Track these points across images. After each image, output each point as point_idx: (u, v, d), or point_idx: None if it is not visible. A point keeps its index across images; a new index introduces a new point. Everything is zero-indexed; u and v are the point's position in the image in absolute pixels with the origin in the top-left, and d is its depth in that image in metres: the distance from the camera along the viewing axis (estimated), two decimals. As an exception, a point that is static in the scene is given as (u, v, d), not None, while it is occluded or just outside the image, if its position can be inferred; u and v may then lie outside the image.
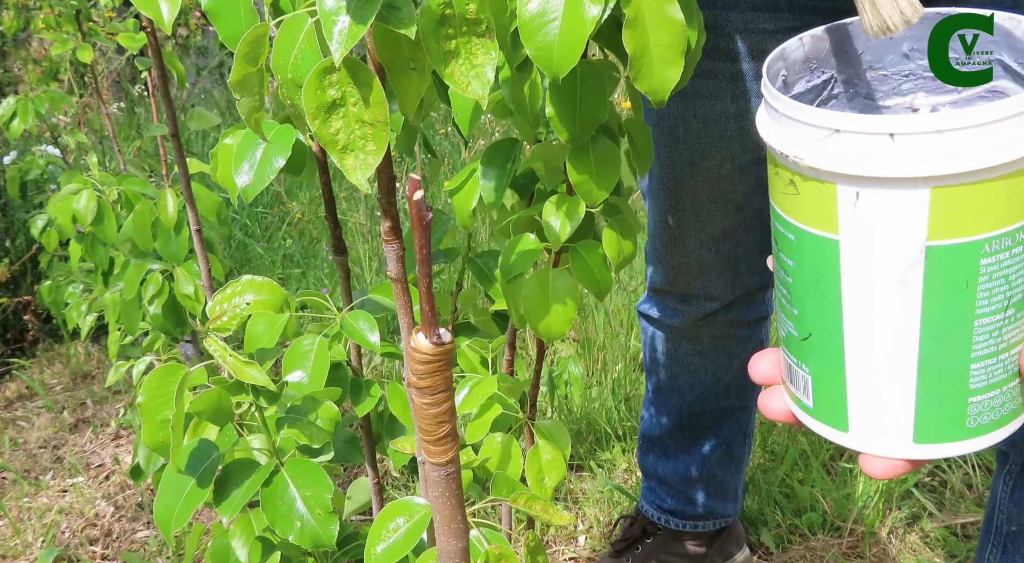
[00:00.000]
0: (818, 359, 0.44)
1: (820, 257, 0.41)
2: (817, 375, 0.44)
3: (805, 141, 0.39)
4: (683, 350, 1.29)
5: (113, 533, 1.70)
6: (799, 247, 0.42)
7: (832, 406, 0.44)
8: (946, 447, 0.43)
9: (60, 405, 2.16)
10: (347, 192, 2.93)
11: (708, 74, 1.01)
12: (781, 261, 0.44)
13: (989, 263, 0.39)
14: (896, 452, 0.43)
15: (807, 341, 0.44)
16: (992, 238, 0.38)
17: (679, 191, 1.12)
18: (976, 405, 0.42)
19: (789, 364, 0.46)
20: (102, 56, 3.57)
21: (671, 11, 0.55)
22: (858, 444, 0.44)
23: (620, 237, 0.71)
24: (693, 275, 1.19)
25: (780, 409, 0.48)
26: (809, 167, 0.39)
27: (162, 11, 0.57)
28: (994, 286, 0.39)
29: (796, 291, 0.43)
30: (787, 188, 0.41)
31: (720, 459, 1.37)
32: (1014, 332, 0.41)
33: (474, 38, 0.47)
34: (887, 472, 0.44)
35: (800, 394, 0.46)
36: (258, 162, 0.70)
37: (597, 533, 1.59)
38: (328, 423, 0.77)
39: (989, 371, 0.41)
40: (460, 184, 0.76)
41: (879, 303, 0.40)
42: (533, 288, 0.70)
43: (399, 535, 0.59)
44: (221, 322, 0.67)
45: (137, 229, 1.30)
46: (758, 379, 0.50)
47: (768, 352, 0.50)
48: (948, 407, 0.42)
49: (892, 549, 1.52)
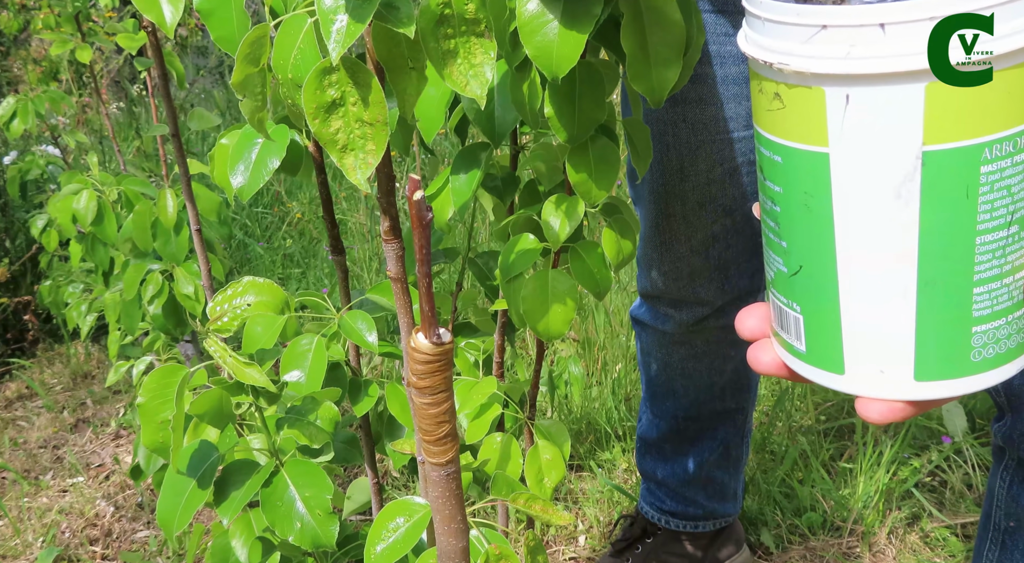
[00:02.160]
0: (810, 294, 0.41)
1: (809, 176, 0.39)
2: (809, 313, 0.42)
3: (789, 44, 0.37)
4: (677, 355, 1.29)
5: (113, 533, 1.70)
6: (786, 169, 0.40)
7: (826, 347, 0.41)
8: (949, 385, 0.40)
9: (60, 405, 2.16)
10: (347, 192, 2.93)
11: (697, 78, 1.01)
12: (767, 191, 0.42)
13: (990, 171, 0.36)
14: (896, 392, 0.40)
15: (797, 276, 0.41)
16: (992, 142, 0.36)
17: (669, 196, 1.12)
18: (980, 335, 0.39)
19: (779, 307, 0.43)
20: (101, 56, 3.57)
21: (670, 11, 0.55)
22: (855, 386, 0.41)
23: (619, 237, 0.71)
24: (684, 280, 1.19)
25: (771, 361, 0.45)
26: (795, 72, 0.37)
27: (164, 13, 0.57)
28: (996, 198, 0.37)
29: (784, 220, 0.41)
30: (772, 104, 0.39)
31: (718, 461, 1.37)
32: (1019, 253, 0.39)
33: (473, 38, 0.47)
34: (886, 416, 0.41)
35: (792, 339, 0.43)
36: (253, 162, 0.70)
37: (597, 533, 1.59)
38: (328, 423, 0.77)
39: (993, 296, 0.39)
40: (437, 190, 0.76)
41: (874, 222, 0.38)
42: (532, 288, 0.70)
43: (399, 535, 0.59)
44: (222, 323, 0.67)
45: (137, 229, 1.30)
46: (746, 334, 0.47)
47: (757, 306, 0.47)
48: (950, 338, 0.39)
49: (892, 549, 1.52)
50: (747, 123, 1.06)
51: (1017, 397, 0.93)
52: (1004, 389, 0.94)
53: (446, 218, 0.76)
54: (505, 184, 0.76)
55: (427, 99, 0.68)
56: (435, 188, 0.76)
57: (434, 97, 0.68)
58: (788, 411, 1.84)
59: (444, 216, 0.75)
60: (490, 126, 0.67)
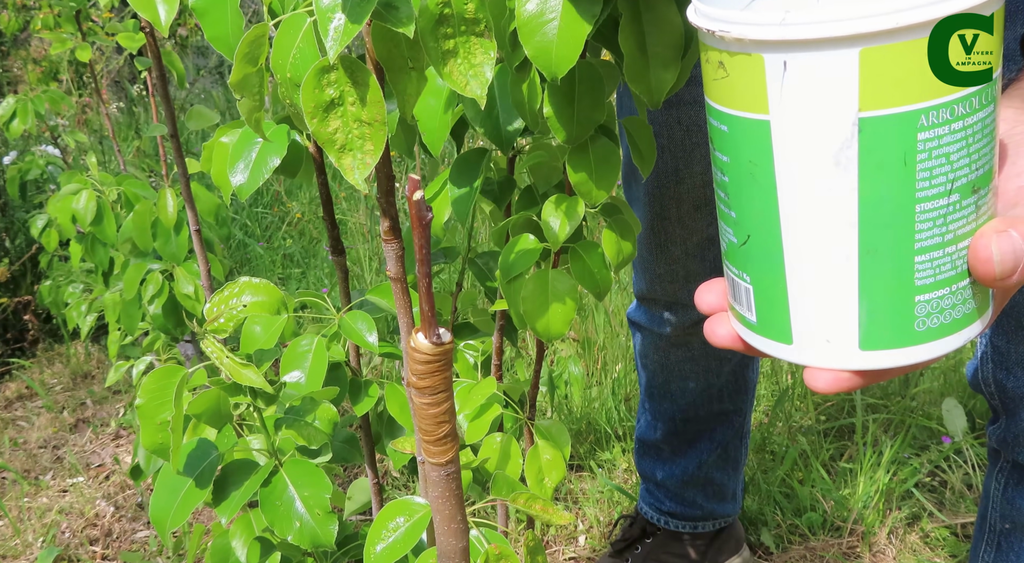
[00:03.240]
0: (758, 264, 0.41)
1: (753, 144, 0.39)
2: (758, 283, 0.42)
3: (729, 12, 0.37)
4: (674, 357, 1.29)
5: (113, 533, 1.70)
6: (732, 137, 0.40)
7: (774, 317, 0.42)
8: (894, 354, 0.40)
9: (60, 405, 2.16)
10: (347, 192, 2.93)
11: (692, 80, 1.01)
12: (717, 161, 0.42)
13: (927, 138, 0.36)
14: (841, 362, 0.41)
15: (746, 246, 0.41)
16: (928, 109, 0.36)
17: (664, 199, 1.12)
18: (924, 305, 0.39)
19: (732, 278, 0.44)
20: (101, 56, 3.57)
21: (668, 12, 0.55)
22: (802, 356, 0.41)
23: (620, 238, 0.71)
24: (680, 283, 1.19)
25: (726, 334, 0.45)
26: (735, 39, 0.37)
27: (159, 13, 0.57)
28: (934, 165, 0.37)
29: (732, 190, 0.41)
30: (717, 73, 0.39)
31: (716, 462, 1.37)
32: (960, 222, 0.39)
33: (472, 37, 0.47)
34: (832, 385, 0.41)
35: (744, 310, 0.43)
36: (253, 162, 0.70)
37: (597, 533, 1.59)
38: (326, 424, 0.77)
39: (936, 265, 0.39)
40: (434, 194, 0.76)
41: (814, 190, 0.38)
42: (532, 288, 0.70)
43: (399, 535, 0.59)
44: (218, 324, 0.67)
45: (137, 229, 1.30)
46: (704, 308, 0.47)
47: (715, 281, 0.47)
48: (894, 307, 0.39)
49: (892, 549, 1.52)
50: None
51: (1011, 400, 0.93)
52: (999, 392, 0.94)
53: (443, 220, 0.75)
54: (502, 188, 0.76)
55: (428, 109, 0.68)
56: (433, 191, 0.76)
57: (435, 107, 0.68)
58: (788, 411, 1.84)
59: (441, 218, 0.75)
60: (496, 132, 0.67)
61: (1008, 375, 0.91)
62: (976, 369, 0.96)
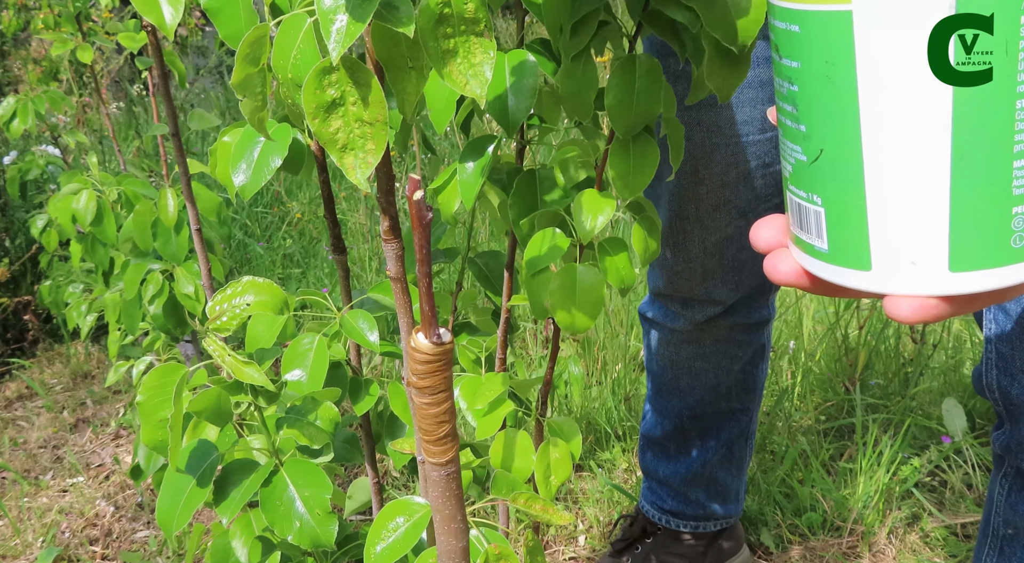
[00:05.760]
0: (832, 181, 0.37)
1: (831, 40, 0.35)
2: (831, 204, 0.38)
3: None
4: (684, 353, 1.29)
5: (113, 533, 1.70)
6: (804, 38, 0.36)
7: (850, 241, 0.38)
8: (987, 274, 0.36)
9: (60, 405, 2.16)
10: (347, 191, 2.93)
11: None
12: (784, 71, 0.38)
13: None
14: (928, 286, 0.36)
15: (818, 162, 0.37)
16: None
17: (683, 199, 1.12)
18: (1022, 217, 0.35)
19: (797, 204, 0.39)
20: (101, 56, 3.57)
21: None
22: (883, 283, 0.37)
23: (648, 234, 0.73)
24: (696, 280, 1.19)
25: (789, 269, 0.42)
26: None
27: (164, 15, 0.57)
28: None
29: (803, 101, 0.37)
30: None
31: (721, 461, 1.37)
32: None
33: (472, 37, 0.47)
34: (917, 313, 0.37)
35: (812, 238, 0.39)
36: (255, 161, 0.71)
37: (597, 533, 1.59)
38: (327, 424, 0.77)
39: None
40: (443, 183, 0.77)
41: (902, 88, 0.34)
42: (560, 283, 0.71)
43: (399, 535, 0.59)
44: (220, 322, 0.67)
45: (137, 229, 1.30)
46: (761, 245, 0.43)
47: (772, 217, 0.44)
48: (988, 220, 0.35)
49: (892, 549, 1.52)
50: (761, 127, 1.06)
51: (1016, 407, 0.93)
52: (1003, 398, 0.94)
53: (452, 209, 0.76)
54: (511, 178, 0.77)
55: (438, 90, 0.68)
56: (441, 181, 0.77)
57: (445, 88, 0.68)
58: (788, 411, 1.84)
59: (451, 207, 0.76)
60: (504, 115, 0.68)
61: (1012, 382, 0.91)
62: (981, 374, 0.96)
